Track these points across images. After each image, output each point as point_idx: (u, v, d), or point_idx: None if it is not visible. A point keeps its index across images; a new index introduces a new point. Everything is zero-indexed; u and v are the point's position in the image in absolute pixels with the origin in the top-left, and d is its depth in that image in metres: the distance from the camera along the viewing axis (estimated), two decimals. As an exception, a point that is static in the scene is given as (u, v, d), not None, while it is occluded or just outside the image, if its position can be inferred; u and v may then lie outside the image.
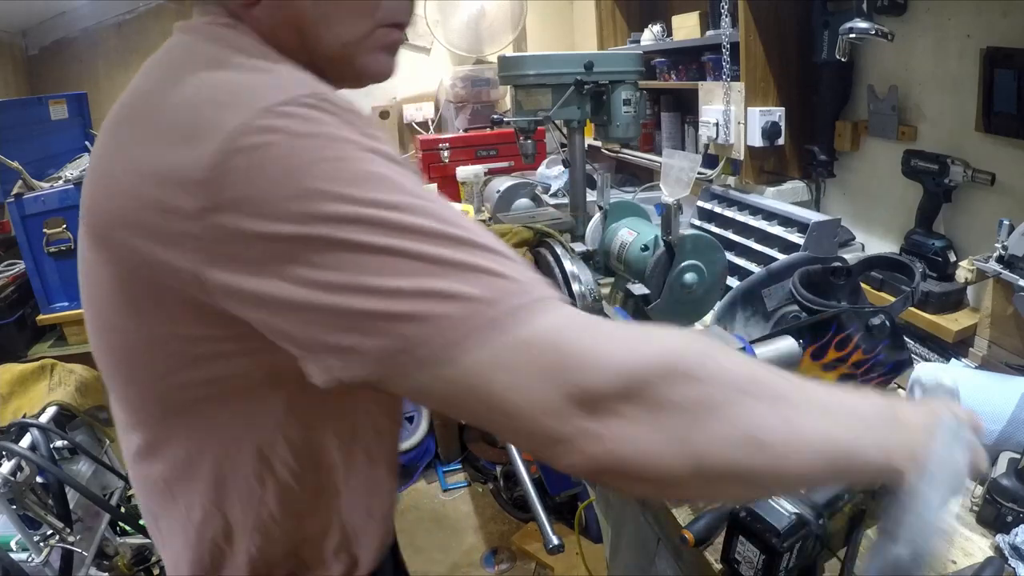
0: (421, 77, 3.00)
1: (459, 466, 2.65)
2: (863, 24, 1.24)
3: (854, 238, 1.57)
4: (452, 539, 2.29)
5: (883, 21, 1.30)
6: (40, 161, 2.14)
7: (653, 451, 0.41)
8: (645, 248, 1.23)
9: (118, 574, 1.47)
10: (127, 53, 2.74)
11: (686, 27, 1.98)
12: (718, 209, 1.73)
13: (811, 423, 0.46)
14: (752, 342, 0.93)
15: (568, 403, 0.40)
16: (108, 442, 1.56)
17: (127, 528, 1.50)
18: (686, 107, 2.22)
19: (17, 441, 1.27)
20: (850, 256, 1.37)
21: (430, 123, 3.01)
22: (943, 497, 0.53)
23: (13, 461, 1.23)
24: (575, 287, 0.76)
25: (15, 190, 1.95)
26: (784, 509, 0.71)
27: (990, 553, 0.75)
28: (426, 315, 0.39)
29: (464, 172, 2.58)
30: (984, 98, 1.20)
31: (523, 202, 2.18)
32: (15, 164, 1.92)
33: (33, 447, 1.28)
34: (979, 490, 0.83)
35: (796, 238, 1.45)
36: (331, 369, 0.41)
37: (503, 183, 2.23)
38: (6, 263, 2.16)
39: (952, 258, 1.28)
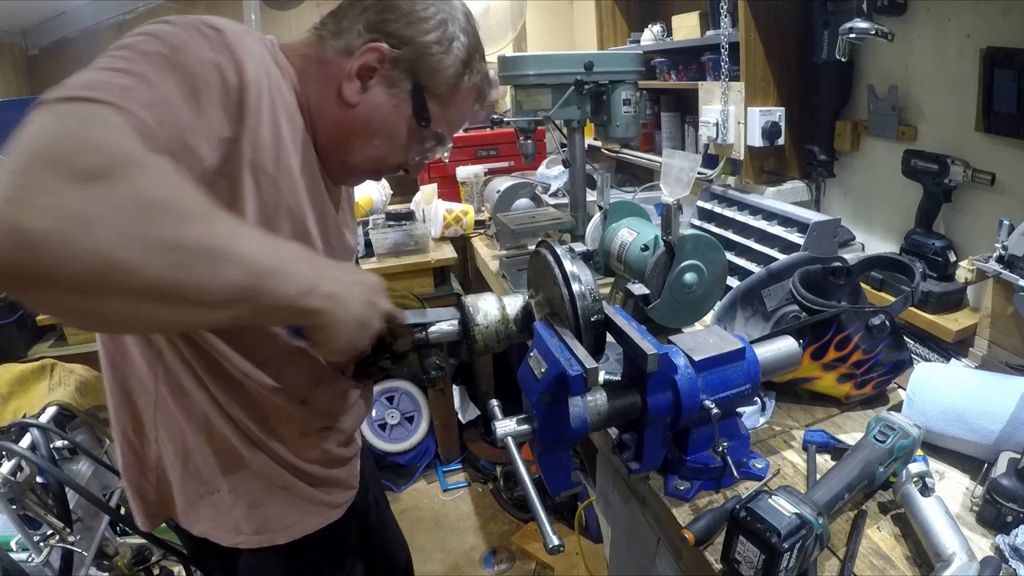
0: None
1: (459, 466, 2.65)
2: (863, 24, 1.24)
3: (854, 238, 1.57)
4: (452, 539, 2.29)
5: (883, 21, 1.31)
6: (40, 161, 2.14)
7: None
8: (645, 248, 1.23)
9: (118, 574, 1.47)
10: (127, 53, 2.73)
11: (686, 27, 1.98)
12: (718, 209, 1.73)
13: (231, 238, 0.50)
14: (752, 342, 0.93)
15: None
16: (108, 442, 1.56)
17: (127, 528, 1.50)
18: (686, 107, 2.22)
19: (17, 441, 1.27)
20: (850, 256, 1.36)
21: (430, 123, 3.01)
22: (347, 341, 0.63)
23: (13, 461, 1.22)
24: (575, 287, 0.76)
25: (15, 190, 1.95)
26: (784, 509, 0.71)
27: (990, 553, 0.75)
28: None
29: (464, 172, 2.58)
30: (984, 98, 1.20)
31: (523, 202, 2.18)
32: (15, 164, 1.92)
33: (33, 447, 1.28)
34: (979, 490, 0.83)
35: (796, 238, 1.45)
36: None
37: (503, 183, 2.23)
38: (6, 263, 2.16)
39: (952, 258, 1.28)
